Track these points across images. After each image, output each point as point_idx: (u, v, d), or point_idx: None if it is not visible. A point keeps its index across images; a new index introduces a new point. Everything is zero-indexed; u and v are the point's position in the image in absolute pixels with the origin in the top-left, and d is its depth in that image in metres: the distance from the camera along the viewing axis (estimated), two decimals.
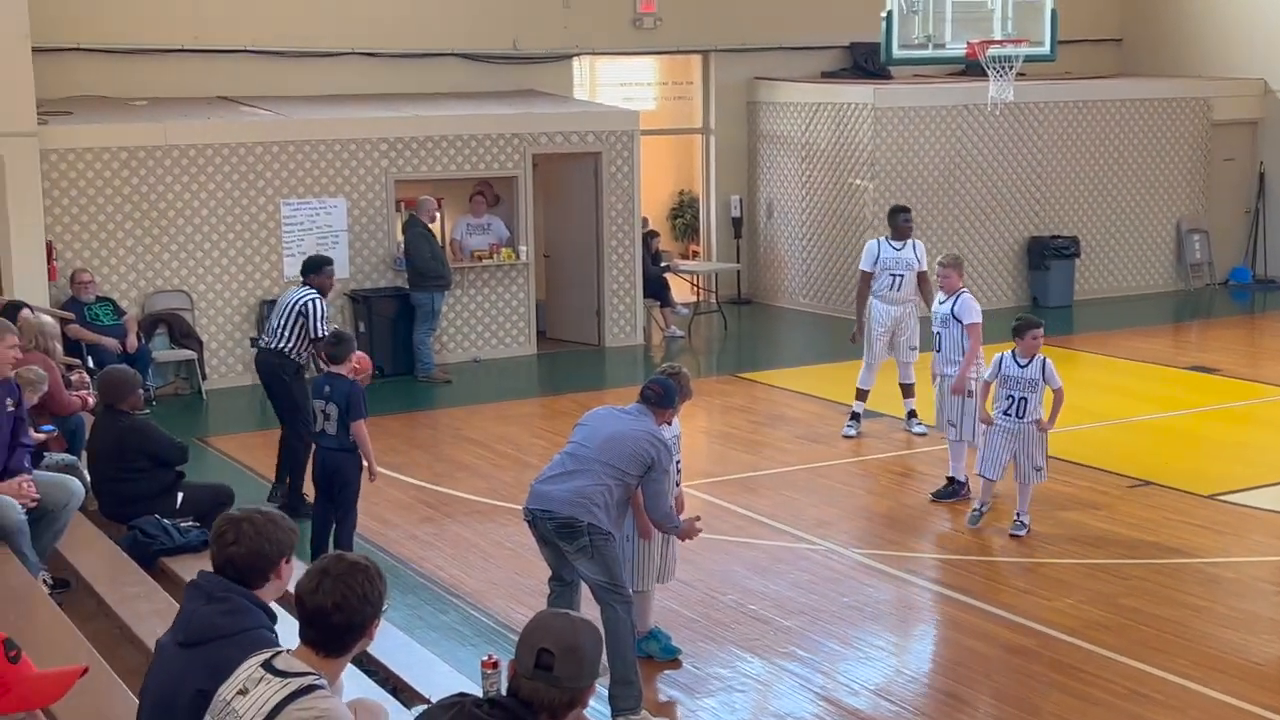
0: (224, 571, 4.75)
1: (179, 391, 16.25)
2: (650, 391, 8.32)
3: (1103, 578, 10.13)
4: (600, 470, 7.94)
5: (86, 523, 9.38)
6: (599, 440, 8.08)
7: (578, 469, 7.99)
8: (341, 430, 9.97)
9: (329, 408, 9.96)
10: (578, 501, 7.85)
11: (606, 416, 8.34)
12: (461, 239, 17.76)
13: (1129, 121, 21.72)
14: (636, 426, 8.12)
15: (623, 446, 8.00)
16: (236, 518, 4.78)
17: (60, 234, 15.66)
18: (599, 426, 8.20)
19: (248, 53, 18.13)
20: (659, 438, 8.12)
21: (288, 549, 4.80)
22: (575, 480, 7.94)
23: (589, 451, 8.04)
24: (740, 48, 21.25)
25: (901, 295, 13.75)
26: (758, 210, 21.57)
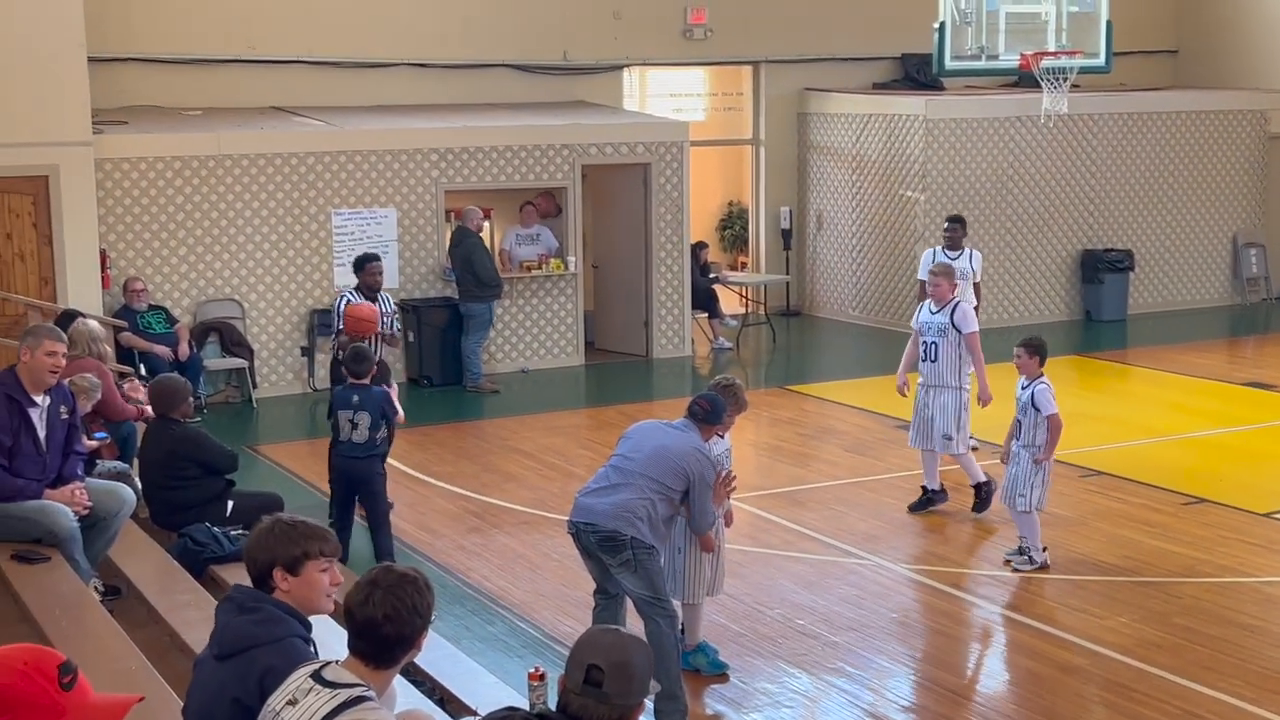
0: (251, 577, 4.80)
1: (229, 400, 16.33)
2: (698, 407, 8.28)
3: (1156, 596, 10.02)
4: (644, 484, 7.92)
5: (137, 530, 9.44)
6: (644, 454, 8.05)
7: (621, 482, 7.97)
8: (371, 437, 10.41)
9: (358, 416, 10.36)
10: (621, 515, 7.84)
11: (653, 430, 8.32)
12: (511, 249, 17.78)
13: (1184, 134, 21.55)
14: (682, 441, 8.09)
15: (667, 461, 7.97)
16: (260, 525, 4.84)
17: (114, 243, 15.78)
18: (645, 440, 8.18)
19: (301, 63, 18.23)
20: (704, 453, 8.09)
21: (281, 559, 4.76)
22: (619, 494, 7.92)
23: (634, 465, 8.02)
24: (791, 59, 21.21)
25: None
26: (807, 222, 21.51)
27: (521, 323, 17.85)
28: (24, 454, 8.40)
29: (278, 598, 4.76)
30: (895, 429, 14.48)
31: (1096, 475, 12.96)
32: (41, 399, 8.46)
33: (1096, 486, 12.65)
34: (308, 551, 4.78)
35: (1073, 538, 11.30)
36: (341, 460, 10.56)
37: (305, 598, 4.78)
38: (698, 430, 8.22)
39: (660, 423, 8.45)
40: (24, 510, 8.38)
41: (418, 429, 15.26)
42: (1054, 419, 10.47)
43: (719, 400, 8.34)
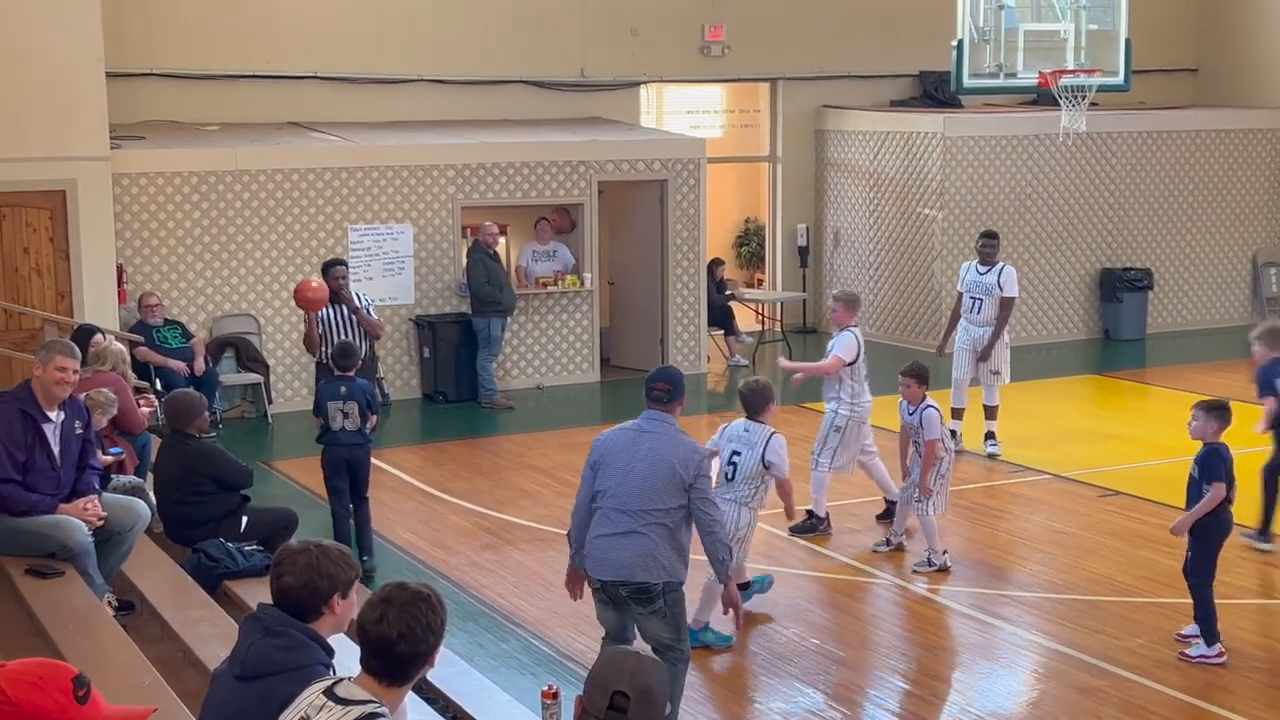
0: (280, 603, 4.73)
1: (245, 415, 16.32)
2: (658, 391, 7.64)
3: (1174, 617, 9.93)
4: (651, 523, 7.46)
5: (151, 545, 9.43)
6: (635, 485, 7.49)
7: (632, 529, 7.46)
8: (361, 425, 10.87)
9: (348, 406, 10.82)
10: (649, 565, 7.46)
11: (626, 448, 7.58)
12: (527, 265, 17.77)
13: (1204, 152, 21.48)
14: (660, 447, 7.49)
15: (656, 484, 7.46)
16: (294, 550, 4.75)
17: (130, 257, 15.80)
18: (625, 464, 7.53)
19: (318, 79, 18.26)
20: (688, 447, 7.54)
21: (341, 585, 4.73)
22: (636, 541, 7.46)
23: (632, 501, 7.47)
24: (808, 76, 21.19)
25: (981, 318, 14.13)
26: (824, 239, 21.47)
27: (537, 339, 17.83)
28: (38, 469, 8.40)
29: (316, 624, 4.72)
30: None
31: (1115, 495, 12.90)
32: (56, 414, 8.45)
33: (1114, 506, 12.58)
34: (355, 574, 4.81)
35: (1090, 558, 11.24)
36: (339, 449, 10.91)
37: (344, 619, 4.77)
38: (669, 418, 7.63)
39: (629, 431, 7.68)
40: (38, 525, 8.37)
41: (432, 445, 15.26)
42: (930, 444, 10.79)
43: (673, 373, 7.81)
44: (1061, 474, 13.61)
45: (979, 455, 14.16)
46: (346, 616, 4.78)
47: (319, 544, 4.79)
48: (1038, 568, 11.12)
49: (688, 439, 7.66)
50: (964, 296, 14.31)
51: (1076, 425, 15.85)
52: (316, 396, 11.24)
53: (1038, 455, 14.25)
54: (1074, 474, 13.59)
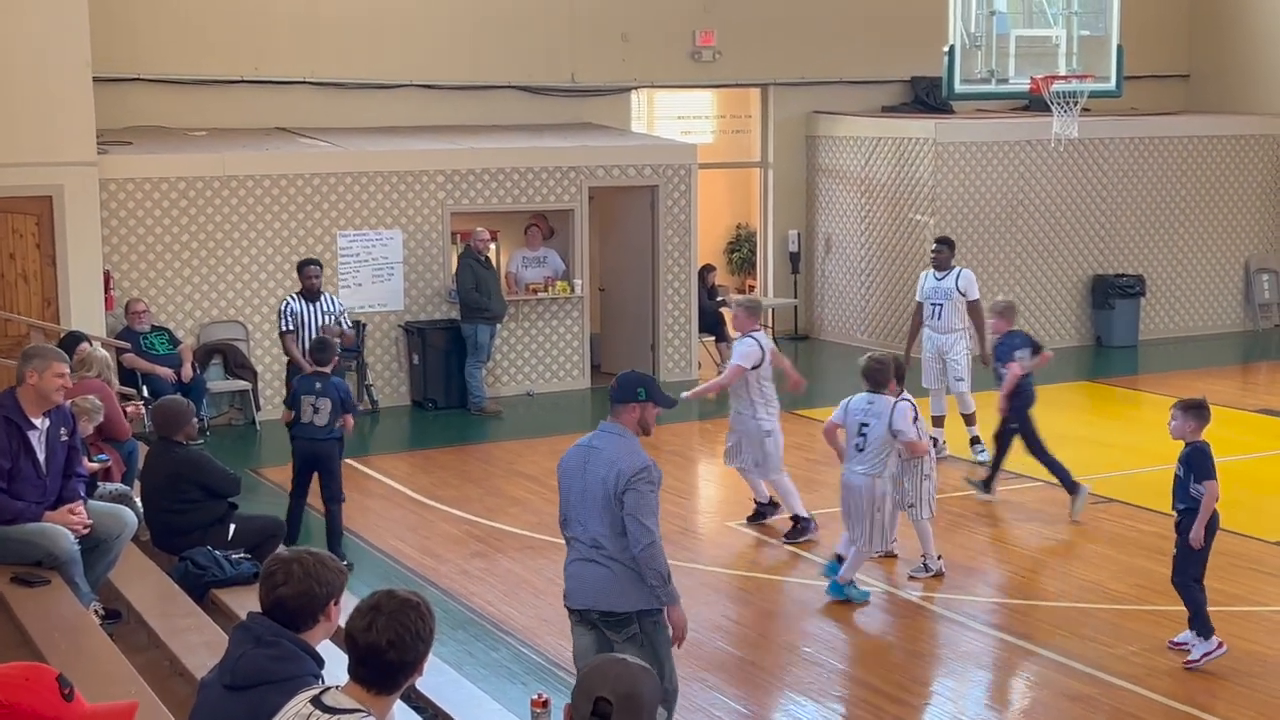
0: (273, 612, 4.70)
1: (233, 422, 16.26)
2: (612, 389, 7.39)
3: (1167, 625, 9.90)
4: (607, 556, 7.13)
5: (138, 553, 9.38)
6: (585, 514, 7.19)
7: (592, 558, 7.18)
8: (331, 421, 11.09)
9: (320, 402, 11.09)
10: (612, 593, 7.15)
11: (578, 471, 7.27)
12: (517, 271, 17.72)
13: (1196, 158, 21.48)
14: (599, 468, 7.12)
15: (599, 509, 7.12)
16: (287, 558, 4.74)
17: (118, 264, 15.73)
18: (579, 489, 7.23)
19: (307, 84, 18.21)
20: (618, 462, 7.08)
21: (336, 591, 4.75)
22: (596, 570, 7.17)
23: (588, 529, 7.18)
24: (800, 81, 21.17)
25: (943, 325, 14.23)
26: (816, 245, 21.44)
27: (527, 345, 17.77)
28: (23, 477, 8.35)
29: (309, 632, 4.71)
30: None
31: (1107, 502, 12.86)
32: (41, 421, 8.40)
33: (1107, 514, 12.55)
34: (346, 579, 4.81)
35: (1082, 565, 11.22)
36: (303, 442, 11.23)
37: (334, 625, 4.76)
38: (620, 427, 7.27)
39: (582, 450, 7.33)
40: (24, 533, 8.33)
41: (421, 452, 15.21)
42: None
43: (630, 374, 7.49)
44: (1053, 481, 13.55)
45: (967, 461, 14.10)
46: (336, 623, 4.76)
47: (311, 551, 4.78)
48: (1029, 575, 11.09)
49: (628, 446, 7.18)
50: (924, 305, 14.41)
51: (1068, 432, 15.78)
52: (293, 388, 11.51)
53: (1029, 462, 14.19)
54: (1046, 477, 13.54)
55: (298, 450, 11.33)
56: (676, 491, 13.65)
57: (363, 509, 12.96)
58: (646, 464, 7.11)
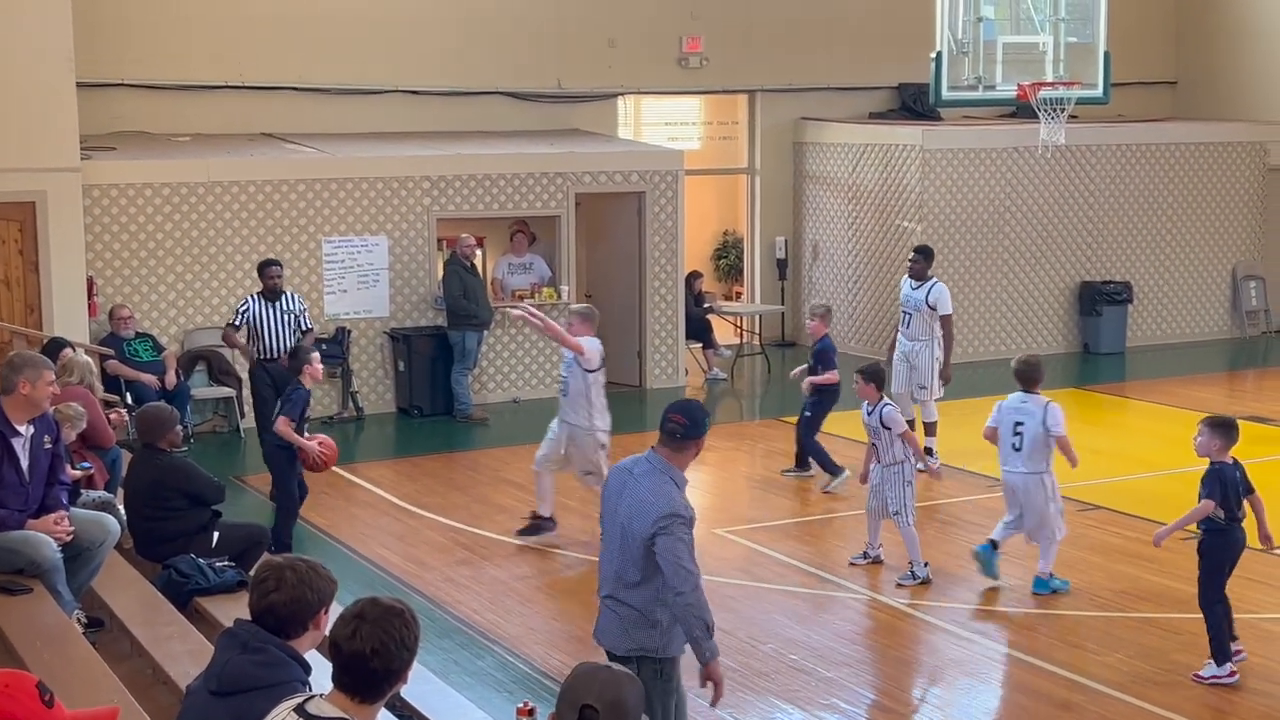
0: (263, 619, 4.70)
1: (217, 429, 16.19)
2: (673, 424, 6.67)
3: (1154, 632, 9.91)
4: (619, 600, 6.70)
5: (121, 561, 9.35)
6: (608, 548, 6.80)
7: (606, 593, 6.80)
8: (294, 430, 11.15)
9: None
10: (613, 628, 6.78)
11: (614, 495, 6.81)
12: (503, 278, 17.68)
13: (1183, 165, 21.50)
14: (634, 501, 6.62)
15: (620, 545, 6.66)
16: (279, 565, 4.73)
17: (101, 270, 15.66)
18: (610, 516, 6.80)
19: (292, 90, 18.15)
20: (650, 501, 6.57)
21: (328, 598, 4.76)
22: (606, 612, 6.83)
23: (609, 564, 6.77)
24: (787, 88, 21.16)
25: (911, 333, 14.31)
26: (803, 252, 21.42)
27: (513, 352, 17.72)
28: (7, 484, 8.32)
29: (298, 640, 4.71)
30: None
31: (1094, 509, 12.85)
32: (25, 428, 8.35)
33: (1094, 521, 12.53)
34: (336, 587, 4.81)
35: (1069, 572, 11.17)
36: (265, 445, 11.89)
37: (322, 633, 4.75)
38: (666, 463, 6.69)
39: (622, 473, 6.85)
40: (7, 540, 8.30)
41: (407, 459, 15.16)
42: (906, 435, 11.12)
43: (695, 408, 6.82)
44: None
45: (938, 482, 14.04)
46: (324, 631, 4.75)
47: (303, 559, 4.79)
48: (1016, 582, 11.05)
49: (665, 486, 6.62)
50: (901, 312, 14.59)
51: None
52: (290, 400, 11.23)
53: None
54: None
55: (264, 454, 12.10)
56: None
57: (348, 516, 12.91)
58: (677, 505, 6.57)
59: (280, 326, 13.75)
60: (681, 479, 6.70)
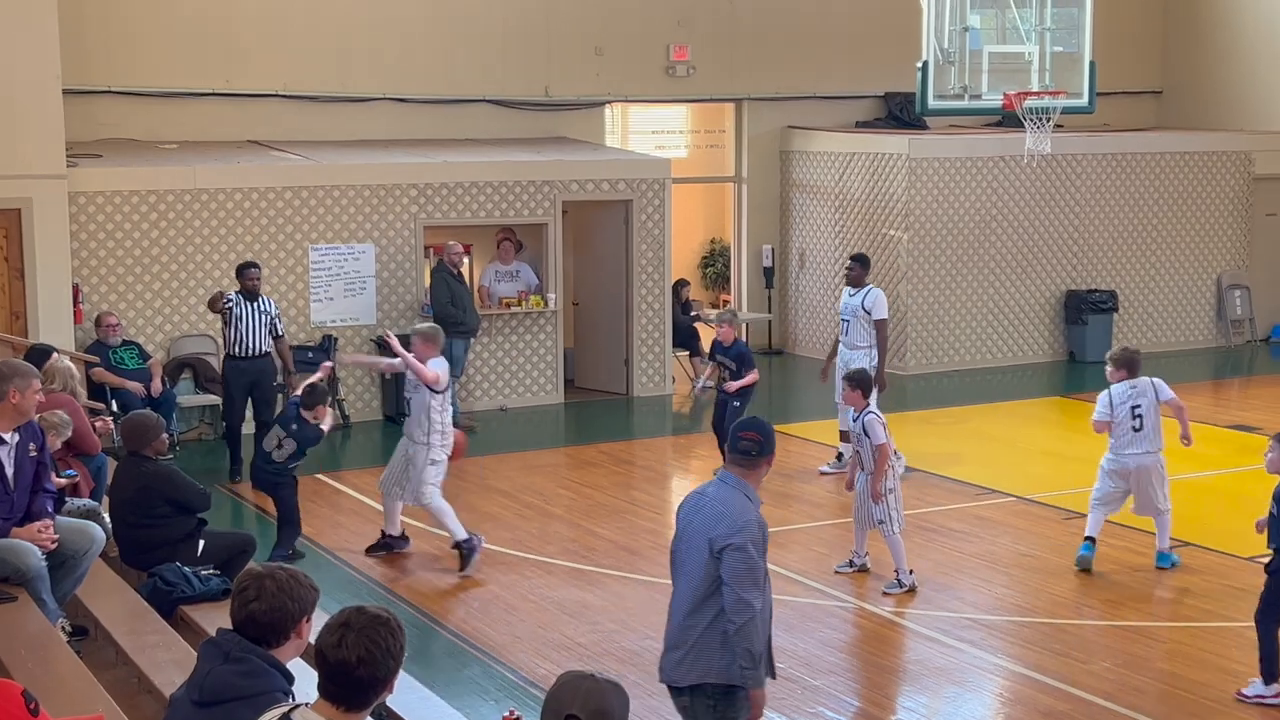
0: (244, 629, 4.69)
1: (203, 437, 16.15)
2: (747, 441, 6.60)
3: (1140, 640, 9.92)
4: (694, 626, 6.49)
5: (106, 569, 9.31)
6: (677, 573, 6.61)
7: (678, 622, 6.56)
8: (290, 460, 11.52)
9: (286, 443, 11.50)
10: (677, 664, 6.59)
11: (687, 516, 6.67)
12: (490, 285, 17.67)
13: (1168, 174, 21.55)
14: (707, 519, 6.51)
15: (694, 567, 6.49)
16: (259, 574, 4.72)
17: (87, 277, 15.62)
18: (679, 537, 6.65)
19: (279, 97, 18.14)
20: (725, 514, 6.46)
21: (309, 607, 4.74)
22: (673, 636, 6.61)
23: (680, 593, 6.57)
24: (774, 96, 21.19)
25: (850, 340, 14.42)
26: (790, 260, 21.44)
27: (500, 360, 17.72)
28: None
29: (280, 649, 4.70)
30: None
31: (1080, 518, 12.84)
32: (10, 436, 8.32)
33: (1079, 529, 12.50)
34: (318, 596, 4.79)
35: (1055, 581, 11.21)
36: (260, 470, 11.72)
37: (305, 642, 4.75)
38: (742, 481, 6.60)
39: (694, 495, 6.73)
40: None
41: None
42: (880, 449, 10.92)
43: (763, 424, 6.73)
44: (1026, 496, 13.59)
45: (926, 491, 14.09)
46: (307, 640, 4.76)
47: (283, 568, 4.78)
48: (1002, 590, 11.07)
49: (740, 501, 6.53)
50: (840, 320, 14.69)
51: (1041, 448, 15.84)
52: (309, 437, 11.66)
53: (1002, 477, 14.23)
54: (1039, 497, 13.57)
55: (254, 476, 11.99)
56: (650, 506, 13.62)
57: (334, 524, 12.89)
58: (752, 520, 6.46)
59: (258, 326, 14.24)
60: (756, 497, 6.63)
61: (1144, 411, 11.34)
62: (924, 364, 19.85)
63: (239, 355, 14.26)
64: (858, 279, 14.49)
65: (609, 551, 11.92)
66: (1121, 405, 11.35)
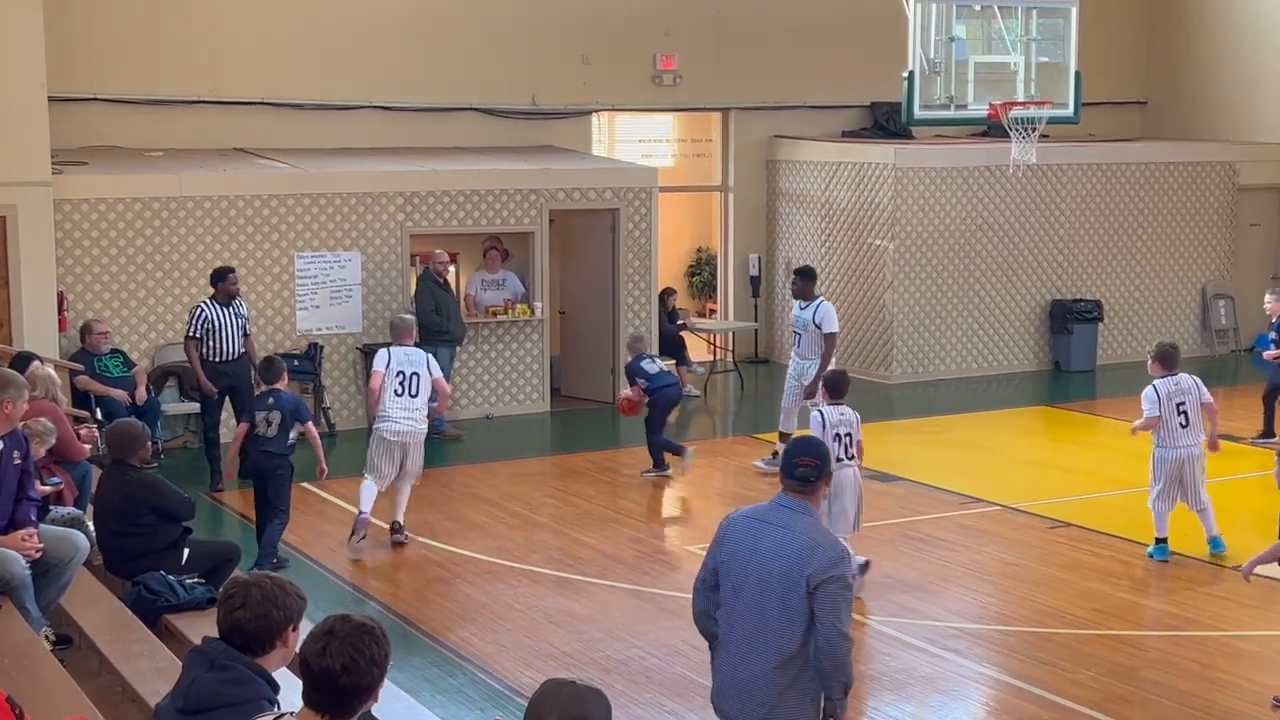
0: (230, 637, 4.68)
1: (188, 445, 16.11)
2: (803, 468, 6.12)
3: (1124, 649, 9.93)
4: (775, 648, 6.00)
5: (90, 578, 9.28)
6: (746, 612, 6.03)
7: (745, 668, 6.05)
8: (281, 436, 11.50)
9: (272, 415, 11.53)
10: (778, 706, 6.06)
11: (745, 549, 6.10)
12: (476, 294, 17.65)
13: (1153, 185, 21.61)
14: (782, 551, 5.99)
15: (771, 607, 5.97)
16: (245, 582, 4.71)
17: (72, 284, 15.58)
18: (739, 573, 6.07)
19: (265, 105, 18.11)
20: (814, 547, 5.98)
21: (295, 616, 4.75)
22: (765, 676, 6.03)
23: (746, 632, 6.03)
24: (760, 106, 21.21)
25: (802, 352, 14.79)
26: (776, 269, 21.45)
27: (486, 368, 17.70)
28: None
29: (266, 657, 4.70)
30: (865, 478, 14.37)
31: (1065, 527, 12.89)
32: None
33: (1064, 538, 12.57)
34: (305, 605, 4.79)
35: (1040, 590, 11.21)
36: (256, 455, 11.59)
37: (292, 651, 4.75)
38: (807, 505, 6.12)
39: (751, 521, 6.17)
40: None
41: None
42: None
43: (819, 446, 6.35)
44: (1011, 505, 13.60)
45: (910, 500, 14.09)
46: (294, 649, 4.76)
47: (270, 576, 4.78)
48: (987, 599, 11.08)
49: (823, 530, 6.18)
50: (791, 332, 15.07)
51: (1026, 457, 15.87)
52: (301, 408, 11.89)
53: (987, 486, 14.24)
54: (1024, 505, 13.58)
55: (251, 464, 11.74)
56: (636, 515, 13.61)
57: (319, 533, 12.87)
58: (844, 549, 6.17)
59: (235, 330, 14.36)
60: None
61: (1189, 408, 11.85)
62: (909, 373, 19.87)
63: (218, 360, 14.29)
64: (803, 292, 14.84)
65: (595, 560, 11.92)
66: (1168, 401, 11.82)
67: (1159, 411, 11.82)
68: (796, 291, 14.92)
